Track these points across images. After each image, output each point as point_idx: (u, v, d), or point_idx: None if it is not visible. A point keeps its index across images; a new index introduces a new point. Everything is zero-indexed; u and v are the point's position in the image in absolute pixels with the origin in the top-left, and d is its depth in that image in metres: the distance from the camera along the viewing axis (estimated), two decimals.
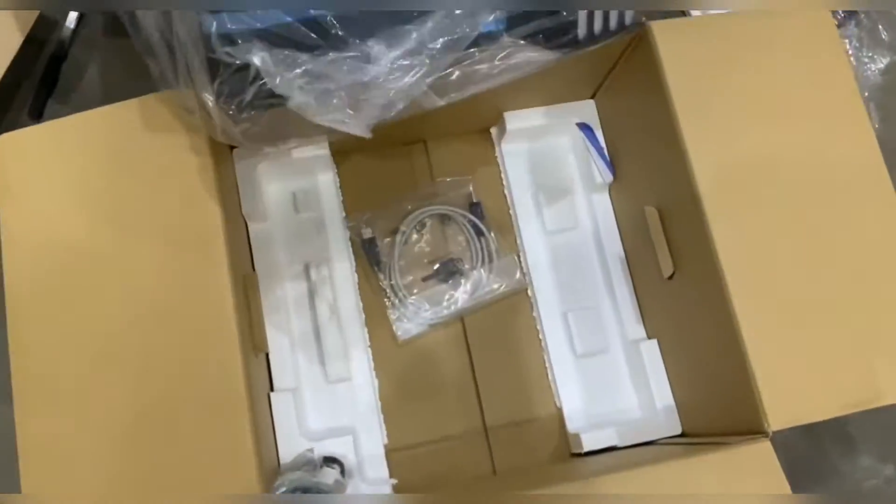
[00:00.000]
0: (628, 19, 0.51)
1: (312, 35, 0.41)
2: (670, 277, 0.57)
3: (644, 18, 0.53)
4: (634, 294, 0.64)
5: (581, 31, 0.50)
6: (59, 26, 0.77)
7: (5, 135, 0.51)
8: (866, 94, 0.81)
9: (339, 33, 0.41)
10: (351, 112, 0.43)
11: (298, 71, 0.40)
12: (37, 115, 0.77)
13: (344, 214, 0.64)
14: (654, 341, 0.62)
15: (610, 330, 0.64)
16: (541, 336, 0.64)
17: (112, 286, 0.49)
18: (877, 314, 0.51)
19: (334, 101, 0.42)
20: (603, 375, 0.63)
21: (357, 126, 0.44)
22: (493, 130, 0.69)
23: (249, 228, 0.61)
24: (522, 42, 0.46)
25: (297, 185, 0.64)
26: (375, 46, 0.41)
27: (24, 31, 0.71)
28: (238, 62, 0.40)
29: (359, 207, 0.65)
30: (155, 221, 0.50)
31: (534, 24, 0.47)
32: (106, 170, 0.51)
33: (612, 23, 0.50)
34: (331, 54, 0.41)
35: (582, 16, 0.48)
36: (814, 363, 0.49)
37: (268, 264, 0.61)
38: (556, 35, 0.48)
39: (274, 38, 0.41)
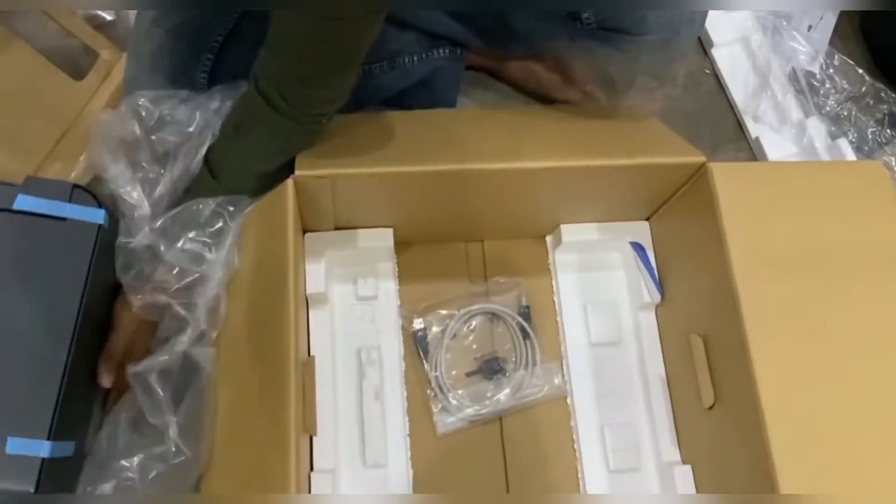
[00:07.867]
0: None
1: None
2: (710, 407, 0.58)
3: None
4: (672, 417, 0.65)
5: None
6: None
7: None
8: None
9: None
10: None
11: None
12: None
13: (399, 303, 0.68)
14: (689, 467, 0.62)
15: (645, 449, 0.65)
16: (576, 446, 0.65)
17: None
18: None
19: None
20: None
21: None
22: (549, 239, 0.72)
23: (310, 312, 0.65)
24: None
25: (358, 272, 0.68)
26: None
27: None
28: None
29: (413, 298, 0.68)
30: None
31: None
32: None
33: None
34: None
35: None
36: None
37: (323, 347, 0.64)
38: None
39: None
